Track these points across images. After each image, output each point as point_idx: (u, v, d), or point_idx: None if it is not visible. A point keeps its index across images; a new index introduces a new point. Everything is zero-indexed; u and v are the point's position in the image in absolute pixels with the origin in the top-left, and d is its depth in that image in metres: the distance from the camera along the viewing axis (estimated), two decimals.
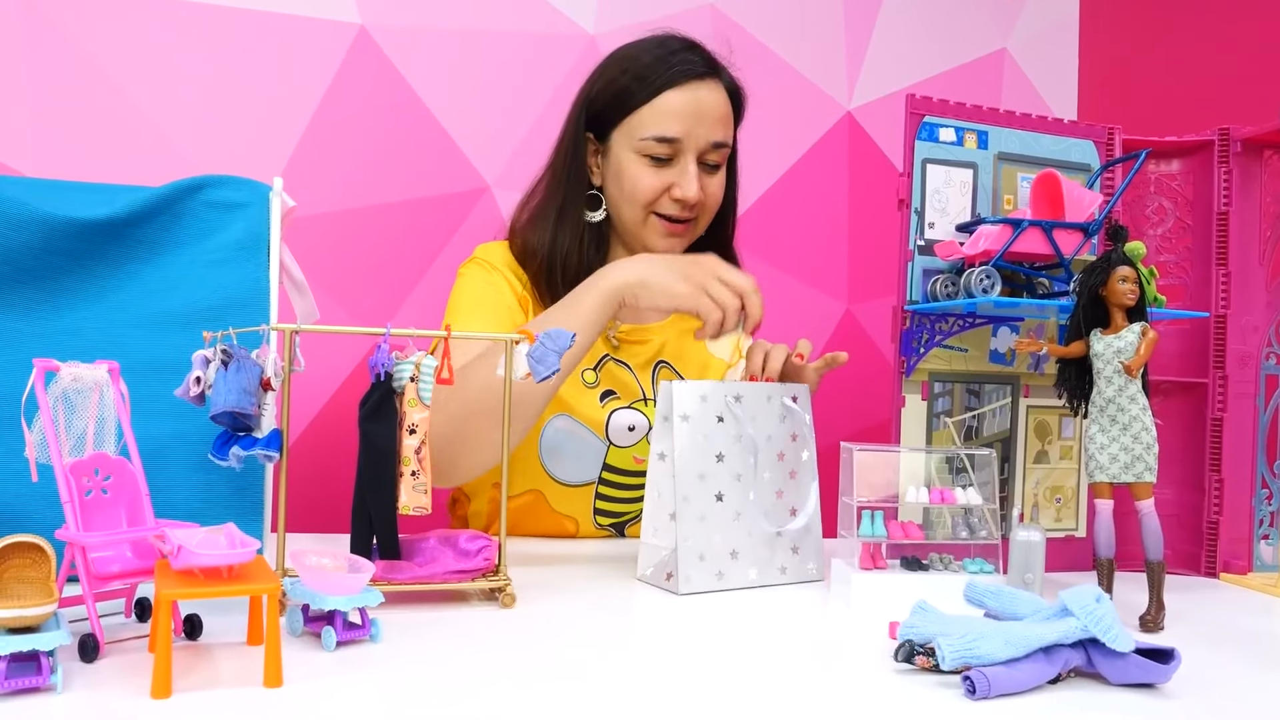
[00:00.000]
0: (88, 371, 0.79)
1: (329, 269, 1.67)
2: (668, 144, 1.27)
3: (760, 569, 1.04)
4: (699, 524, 1.00)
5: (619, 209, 1.32)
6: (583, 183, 1.33)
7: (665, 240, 1.32)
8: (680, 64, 1.28)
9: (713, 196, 1.32)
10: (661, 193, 1.29)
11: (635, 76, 1.28)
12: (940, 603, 0.82)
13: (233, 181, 1.05)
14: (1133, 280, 0.95)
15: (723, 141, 1.30)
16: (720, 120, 1.30)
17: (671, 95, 1.27)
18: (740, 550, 1.03)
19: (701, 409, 1.02)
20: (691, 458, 1.01)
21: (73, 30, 1.56)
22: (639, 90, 1.27)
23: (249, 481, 0.98)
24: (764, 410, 1.06)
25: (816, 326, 1.95)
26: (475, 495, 1.40)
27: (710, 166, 1.31)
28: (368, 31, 1.69)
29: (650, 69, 1.27)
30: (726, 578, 1.01)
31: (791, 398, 1.08)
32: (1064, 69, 2.10)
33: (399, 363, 0.89)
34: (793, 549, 1.06)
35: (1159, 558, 0.94)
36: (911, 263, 1.12)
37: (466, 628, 0.84)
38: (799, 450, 1.08)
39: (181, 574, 0.70)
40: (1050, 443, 1.18)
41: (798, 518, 1.06)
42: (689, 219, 1.31)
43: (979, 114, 1.14)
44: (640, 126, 1.28)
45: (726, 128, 1.31)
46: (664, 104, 1.27)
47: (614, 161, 1.31)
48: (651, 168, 1.28)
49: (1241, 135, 1.19)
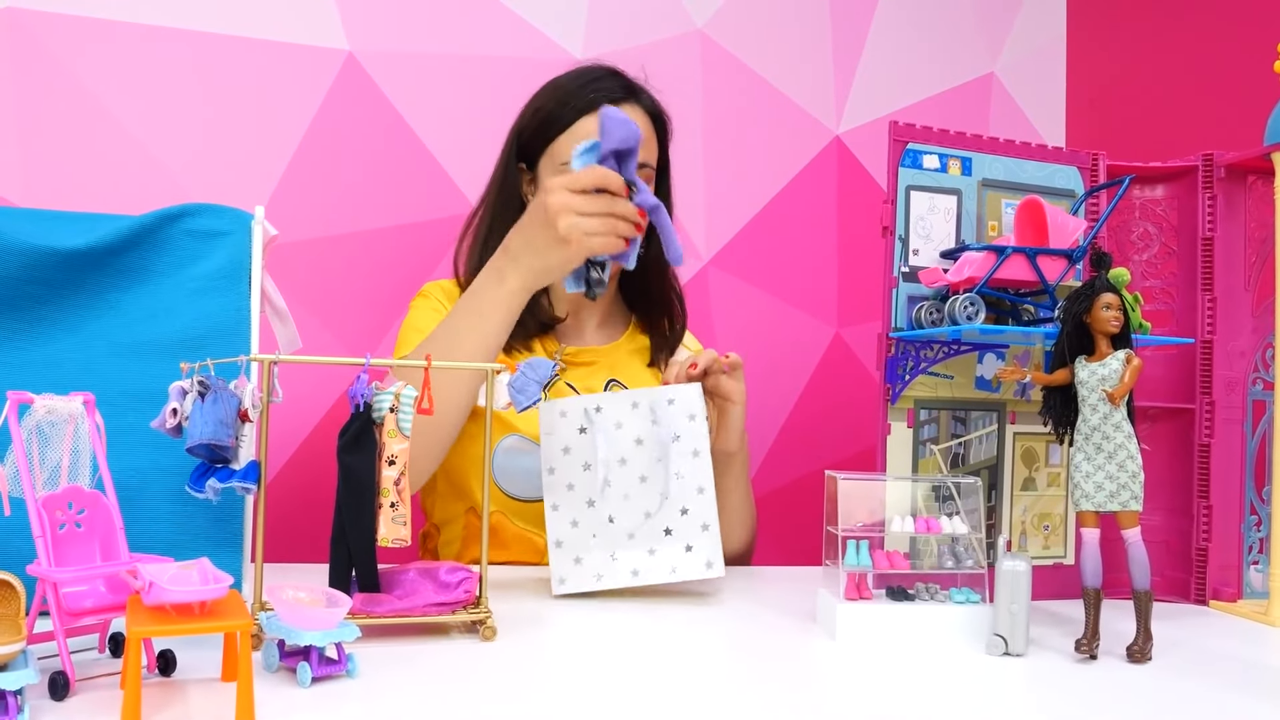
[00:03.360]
0: (62, 404, 0.78)
1: (316, 294, 1.66)
2: None
3: (643, 569, 1.07)
4: (571, 529, 1.08)
5: None
6: (513, 209, 1.36)
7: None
8: (596, 90, 1.33)
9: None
10: None
11: (557, 103, 1.34)
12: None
13: (214, 210, 1.05)
14: (1116, 307, 0.95)
15: (643, 163, 1.33)
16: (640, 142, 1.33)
17: (590, 120, 1.31)
18: (618, 552, 1.07)
19: (562, 423, 1.09)
20: (560, 469, 1.08)
21: (61, 56, 1.57)
22: (560, 116, 1.33)
23: (228, 513, 0.97)
24: (630, 416, 1.09)
25: (805, 350, 1.95)
26: (445, 525, 1.41)
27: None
28: (355, 57, 1.69)
29: (570, 95, 1.33)
30: (605, 579, 1.07)
31: (668, 400, 1.09)
32: (1052, 93, 2.11)
33: (378, 393, 0.88)
34: (686, 547, 1.07)
35: (1146, 587, 0.93)
36: (896, 289, 1.12)
37: (446, 662, 0.83)
38: (685, 450, 1.08)
39: (153, 610, 0.69)
40: (1037, 470, 1.17)
41: (688, 515, 1.08)
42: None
43: (963, 140, 1.15)
44: (562, 151, 1.32)
45: (648, 149, 1.35)
46: (583, 128, 1.31)
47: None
48: None
49: (1225, 161, 1.19)
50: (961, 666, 0.89)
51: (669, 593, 1.11)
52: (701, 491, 1.08)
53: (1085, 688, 0.83)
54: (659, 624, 0.99)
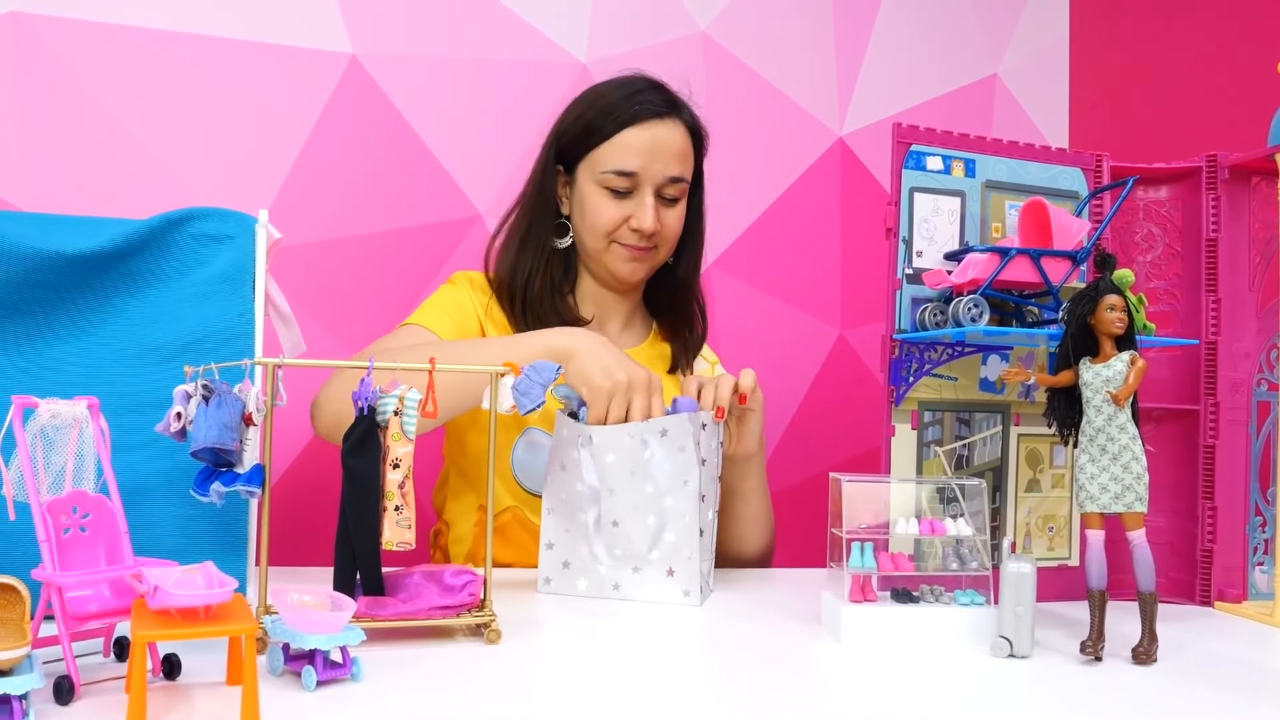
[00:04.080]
0: (66, 408, 0.78)
1: (321, 297, 1.67)
2: (626, 178, 1.34)
3: (624, 585, 1.10)
4: (564, 534, 1.12)
5: (583, 237, 1.40)
6: (549, 212, 1.40)
7: (628, 264, 1.39)
8: (640, 103, 1.35)
9: (670, 228, 1.39)
10: (621, 223, 1.36)
11: (600, 112, 1.35)
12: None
13: (219, 214, 1.05)
14: (1121, 308, 0.95)
15: (679, 176, 1.37)
16: (677, 156, 1.36)
17: (631, 133, 1.34)
18: (604, 566, 1.11)
19: (563, 439, 1.12)
20: (558, 480, 1.13)
21: (64, 60, 1.57)
22: (602, 126, 1.35)
23: (233, 516, 0.98)
24: (621, 446, 1.10)
25: (809, 352, 1.94)
26: (455, 521, 1.41)
27: (668, 200, 1.38)
28: (359, 60, 1.69)
29: (613, 107, 1.35)
30: (588, 588, 1.11)
31: (661, 431, 1.09)
32: (1055, 93, 2.11)
33: (383, 396, 0.88)
34: (668, 571, 1.09)
35: (1151, 589, 0.93)
36: (900, 291, 1.11)
37: (451, 665, 0.83)
38: (676, 480, 1.09)
39: (158, 614, 0.69)
40: (1042, 471, 1.17)
41: (673, 543, 1.09)
42: (649, 247, 1.38)
43: (966, 142, 1.14)
44: (602, 161, 1.35)
45: (684, 164, 1.38)
46: (624, 140, 1.34)
47: (579, 193, 1.38)
48: (612, 200, 1.35)
49: (1229, 162, 1.19)
50: (966, 669, 0.88)
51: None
52: (686, 521, 1.08)
53: (1090, 690, 0.83)
54: (664, 627, 0.99)
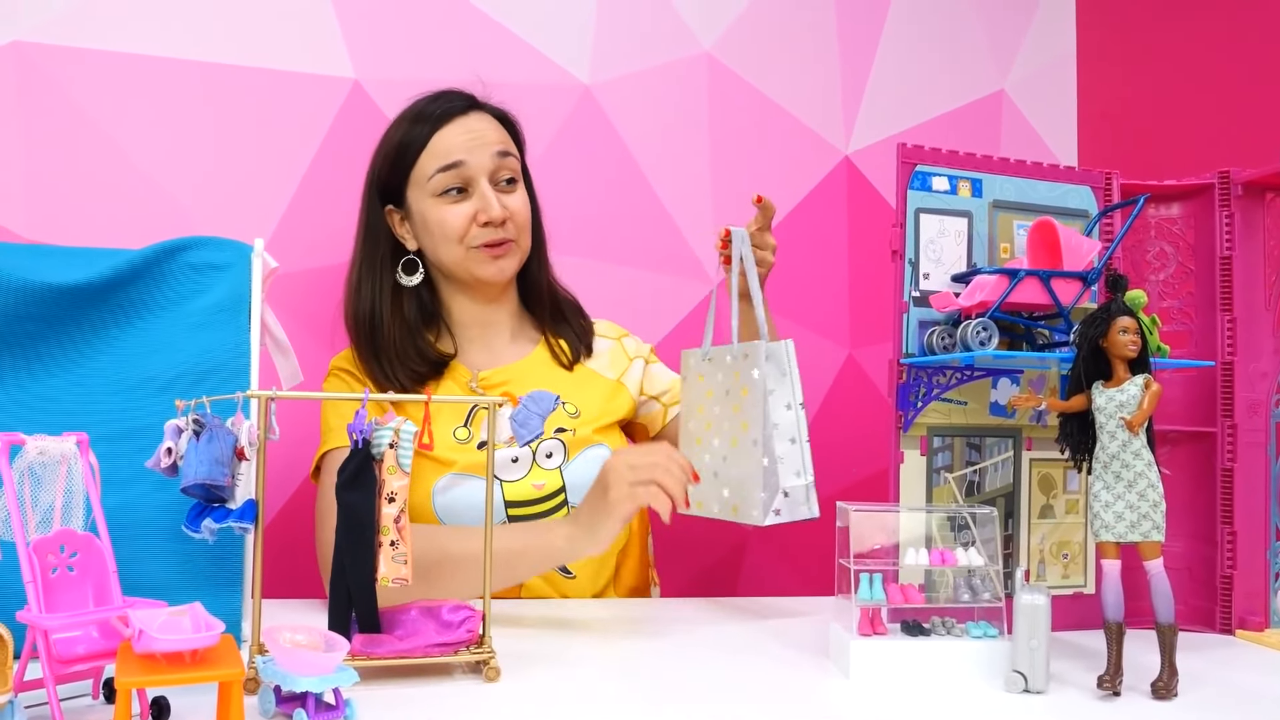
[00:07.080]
0: (55, 444, 0.77)
1: (323, 325, 1.65)
2: (455, 170, 1.32)
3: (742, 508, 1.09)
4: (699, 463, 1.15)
5: (440, 257, 1.36)
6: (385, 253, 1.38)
7: (492, 265, 1.35)
8: (441, 104, 1.35)
9: (518, 211, 1.37)
10: (469, 223, 1.33)
11: (405, 133, 1.35)
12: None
13: (214, 243, 1.04)
14: (1134, 331, 0.92)
15: (505, 150, 1.35)
16: (497, 138, 1.36)
17: (444, 131, 1.34)
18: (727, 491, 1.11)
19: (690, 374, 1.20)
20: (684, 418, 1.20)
21: (65, 88, 1.57)
22: (413, 140, 1.34)
23: (229, 551, 0.96)
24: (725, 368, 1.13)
25: (818, 372, 1.92)
26: None
27: (506, 184, 1.36)
28: (362, 85, 1.69)
29: (416, 121, 1.35)
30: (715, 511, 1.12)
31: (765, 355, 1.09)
32: (1063, 109, 2.08)
33: (378, 428, 0.86)
34: (784, 493, 1.07)
35: (1170, 620, 0.90)
36: (907, 314, 1.09)
37: (449, 704, 0.81)
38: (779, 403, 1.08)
39: (143, 659, 0.67)
40: (1055, 497, 1.14)
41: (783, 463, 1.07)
42: (505, 239, 1.35)
43: (972, 161, 1.12)
44: (426, 169, 1.33)
45: (505, 141, 1.37)
46: (440, 140, 1.33)
47: (418, 217, 1.36)
48: (452, 204, 1.33)
49: (1242, 178, 1.17)
50: (980, 704, 0.86)
51: (677, 628, 1.09)
52: (794, 442, 1.07)
53: None
54: (667, 661, 0.97)
